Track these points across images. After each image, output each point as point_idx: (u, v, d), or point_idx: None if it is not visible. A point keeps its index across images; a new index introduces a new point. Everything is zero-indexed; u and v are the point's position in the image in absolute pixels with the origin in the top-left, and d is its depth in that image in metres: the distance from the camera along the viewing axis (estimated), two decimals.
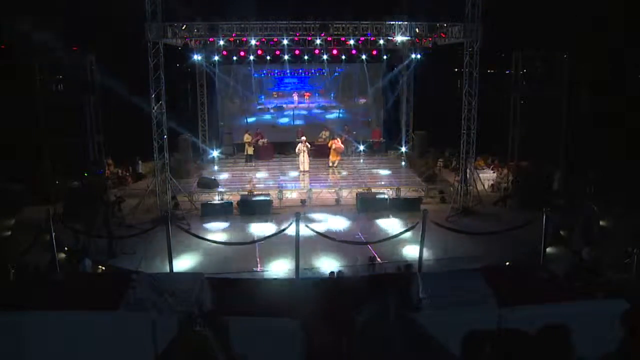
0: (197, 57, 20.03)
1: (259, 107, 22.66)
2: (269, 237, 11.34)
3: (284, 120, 22.85)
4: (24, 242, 10.18)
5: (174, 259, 9.74)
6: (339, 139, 19.44)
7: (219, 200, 15.89)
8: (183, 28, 15.16)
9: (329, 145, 19.43)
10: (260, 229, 13.91)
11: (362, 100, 22.98)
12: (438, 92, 22.90)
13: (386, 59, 20.92)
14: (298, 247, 9.32)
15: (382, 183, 17.54)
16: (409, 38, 16.75)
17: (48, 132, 16.48)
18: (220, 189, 16.63)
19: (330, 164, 19.32)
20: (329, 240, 11.17)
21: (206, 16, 15.39)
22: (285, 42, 16.62)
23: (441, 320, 4.11)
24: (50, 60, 16.59)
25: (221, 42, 17.04)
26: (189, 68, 21.57)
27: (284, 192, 16.34)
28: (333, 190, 16.60)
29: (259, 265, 11.60)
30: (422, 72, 20.89)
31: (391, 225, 14.29)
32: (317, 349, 4.32)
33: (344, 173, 18.91)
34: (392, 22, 15.56)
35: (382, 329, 1.43)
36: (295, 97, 22.69)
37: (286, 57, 19.64)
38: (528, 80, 17.55)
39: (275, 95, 22.79)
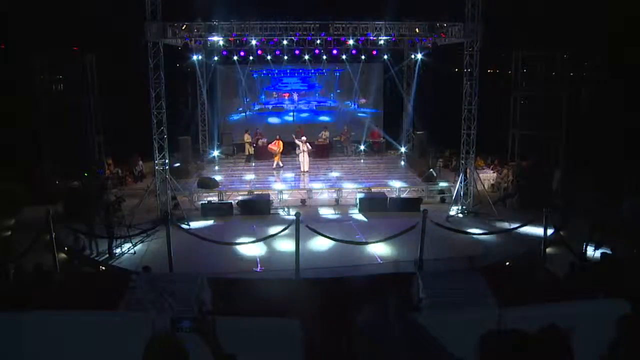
0: (197, 57, 20.03)
1: (258, 106, 22.67)
2: (269, 237, 11.35)
3: (284, 120, 22.85)
4: (24, 242, 10.17)
5: (174, 259, 9.75)
6: (277, 141, 19.22)
7: (218, 200, 15.89)
8: (183, 28, 15.15)
9: (273, 146, 19.28)
10: (260, 229, 13.90)
11: (362, 100, 22.97)
12: (438, 92, 22.90)
13: (386, 59, 20.92)
14: (298, 247, 9.34)
15: (382, 183, 17.53)
16: (408, 38, 16.77)
17: (48, 132, 16.49)
18: (221, 189, 16.62)
19: (274, 165, 19.24)
20: (328, 240, 11.18)
21: (206, 16, 15.39)
22: (285, 42, 16.61)
23: (441, 320, 4.12)
24: (50, 60, 16.60)
25: (221, 42, 17.03)
26: (189, 68, 21.56)
27: (284, 192, 16.33)
28: (333, 190, 16.60)
29: (259, 265, 11.59)
30: (422, 72, 20.89)
31: (391, 225, 14.28)
32: (317, 349, 4.32)
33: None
34: (392, 22, 15.55)
35: (382, 329, 1.43)
36: (295, 97, 22.70)
37: (286, 57, 19.65)
38: (528, 80, 17.55)
39: (275, 95, 22.79)
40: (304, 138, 18.84)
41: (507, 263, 10.94)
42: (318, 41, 17.31)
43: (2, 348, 3.96)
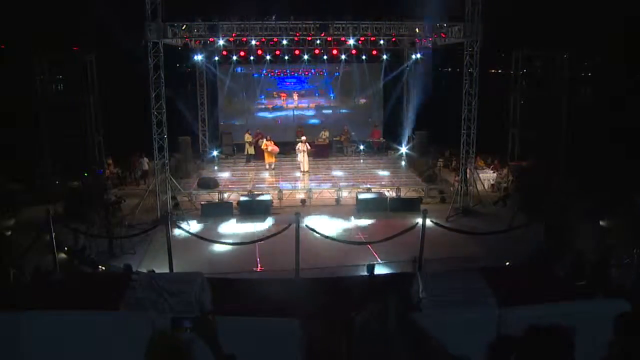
0: (197, 57, 20.02)
1: (258, 106, 22.67)
2: (269, 237, 11.34)
3: (284, 120, 22.85)
4: (24, 242, 10.18)
5: (174, 259, 9.74)
6: (271, 141, 19.11)
7: (219, 200, 15.88)
8: (183, 28, 15.16)
9: (263, 147, 19.10)
10: (260, 229, 13.90)
11: (362, 100, 22.98)
12: (438, 92, 22.89)
13: (386, 59, 20.92)
14: (298, 247, 9.34)
15: (382, 183, 17.53)
16: (408, 38, 16.77)
17: (48, 132, 16.48)
18: (220, 189, 16.61)
19: (267, 167, 19.13)
20: (328, 240, 11.18)
21: (206, 16, 15.38)
22: (285, 42, 16.60)
23: (441, 320, 4.11)
24: (51, 60, 16.59)
25: (221, 42, 17.03)
26: (189, 68, 21.57)
27: (283, 192, 16.33)
28: (333, 190, 16.60)
29: (259, 265, 11.59)
30: (422, 72, 20.89)
31: (391, 225, 14.27)
32: (317, 349, 4.32)
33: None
34: (392, 22, 15.55)
35: (382, 329, 1.43)
36: (295, 97, 22.70)
37: (286, 57, 19.65)
38: (528, 80, 17.53)
39: (275, 95, 22.80)
40: (303, 138, 18.83)
41: (507, 263, 10.93)
42: (318, 41, 17.30)
43: (2, 348, 3.96)
